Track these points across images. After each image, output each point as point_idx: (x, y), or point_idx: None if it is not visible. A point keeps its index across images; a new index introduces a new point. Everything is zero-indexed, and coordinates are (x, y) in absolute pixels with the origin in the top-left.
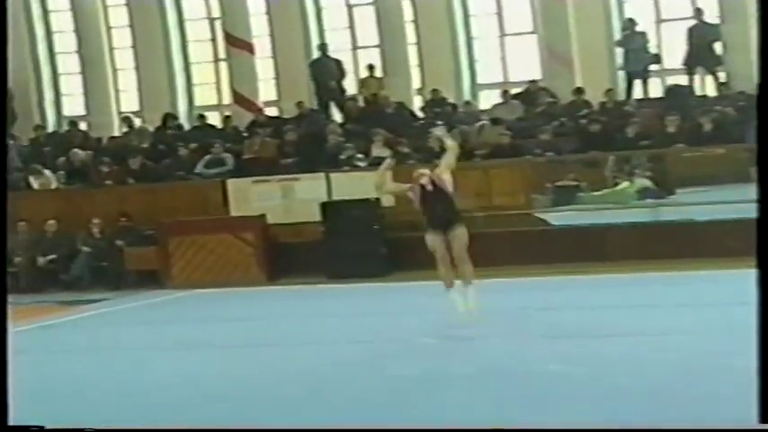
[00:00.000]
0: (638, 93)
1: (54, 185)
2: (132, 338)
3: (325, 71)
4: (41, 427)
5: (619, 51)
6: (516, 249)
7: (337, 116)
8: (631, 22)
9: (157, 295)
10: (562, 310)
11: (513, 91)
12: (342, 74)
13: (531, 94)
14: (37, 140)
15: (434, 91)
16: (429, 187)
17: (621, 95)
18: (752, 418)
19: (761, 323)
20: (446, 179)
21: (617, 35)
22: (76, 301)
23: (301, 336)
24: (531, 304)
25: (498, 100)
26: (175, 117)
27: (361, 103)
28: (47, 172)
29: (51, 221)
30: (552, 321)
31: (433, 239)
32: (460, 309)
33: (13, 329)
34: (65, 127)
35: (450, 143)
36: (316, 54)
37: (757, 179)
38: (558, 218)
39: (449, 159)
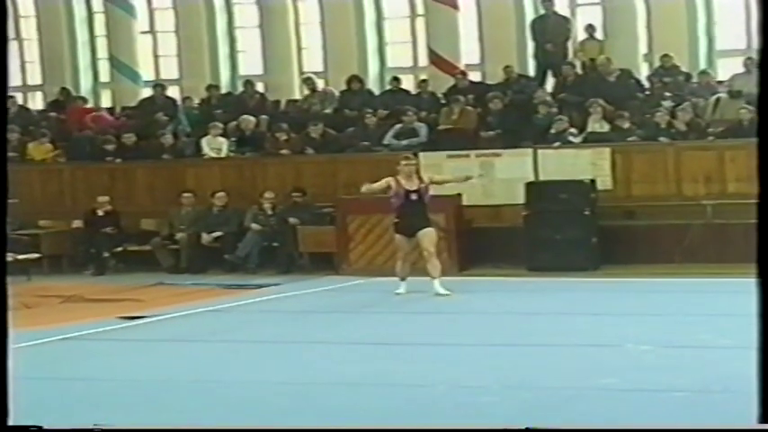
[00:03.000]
0: None
1: (224, 153)
2: (304, 331)
3: (549, 30)
4: (40, 428)
5: None
6: (753, 245)
7: (551, 84)
8: None
9: (333, 282)
10: None
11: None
12: (568, 35)
13: None
14: (208, 102)
15: (664, 57)
16: (413, 197)
17: None
18: None
19: (761, 323)
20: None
21: None
22: (242, 286)
23: (492, 336)
24: None
25: (740, 70)
26: (361, 80)
27: (578, 68)
28: (220, 138)
29: (220, 194)
30: None
31: (400, 240)
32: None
33: (170, 315)
34: (240, 87)
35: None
36: (533, 10)
37: (758, 178)
38: None
39: (440, 178)
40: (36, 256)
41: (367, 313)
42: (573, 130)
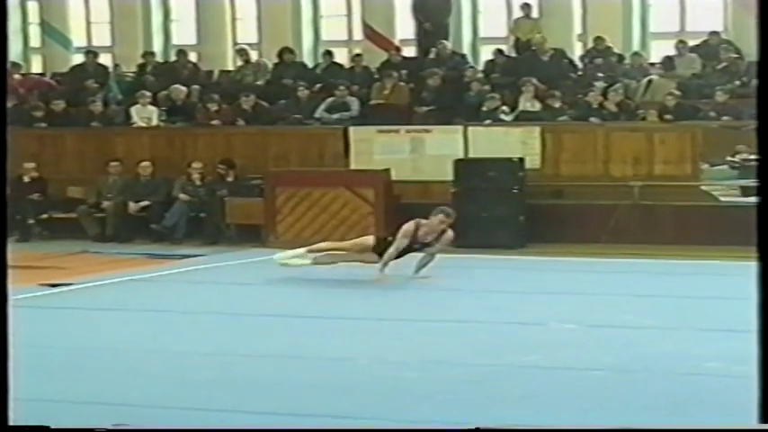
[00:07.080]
0: None
1: (155, 122)
2: (228, 302)
3: (429, 9)
4: (47, 427)
5: None
6: (678, 227)
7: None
8: None
9: (259, 254)
10: (727, 300)
11: (691, 43)
12: (448, 13)
13: (710, 47)
14: (140, 70)
15: (598, 39)
16: (418, 245)
17: None
18: None
19: (761, 321)
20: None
21: None
22: (168, 256)
23: (416, 312)
24: (691, 292)
25: (672, 52)
26: (293, 52)
27: (511, 47)
28: (150, 107)
29: (145, 163)
30: (714, 313)
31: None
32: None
33: (93, 283)
34: (173, 57)
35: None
36: None
37: (757, 175)
38: (728, 193)
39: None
40: None
41: (291, 286)
42: (505, 108)
